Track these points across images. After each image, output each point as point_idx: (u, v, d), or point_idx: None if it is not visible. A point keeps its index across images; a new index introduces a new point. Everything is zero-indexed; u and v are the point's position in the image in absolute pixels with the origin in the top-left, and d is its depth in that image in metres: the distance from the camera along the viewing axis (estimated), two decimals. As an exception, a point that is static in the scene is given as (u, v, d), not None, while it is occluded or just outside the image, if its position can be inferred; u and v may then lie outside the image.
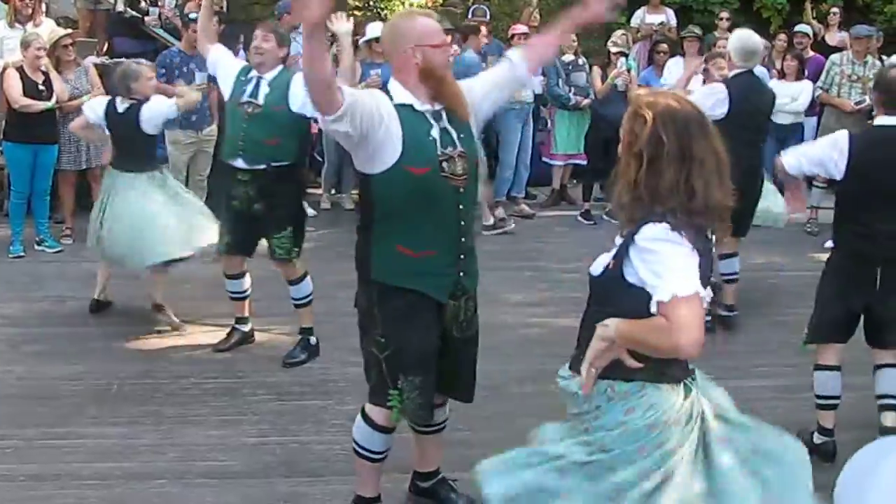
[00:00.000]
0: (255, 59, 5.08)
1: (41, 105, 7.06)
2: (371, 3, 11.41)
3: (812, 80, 8.74)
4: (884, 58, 8.87)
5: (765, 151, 6.09)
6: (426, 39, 3.14)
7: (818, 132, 8.48)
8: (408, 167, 3.12)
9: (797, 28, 9.75)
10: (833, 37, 10.09)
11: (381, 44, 3.27)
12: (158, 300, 5.89)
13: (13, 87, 7.04)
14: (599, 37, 10.87)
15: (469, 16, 9.58)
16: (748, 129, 5.80)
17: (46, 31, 7.68)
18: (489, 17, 9.67)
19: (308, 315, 5.35)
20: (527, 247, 8.00)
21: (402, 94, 3.17)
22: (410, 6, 11.03)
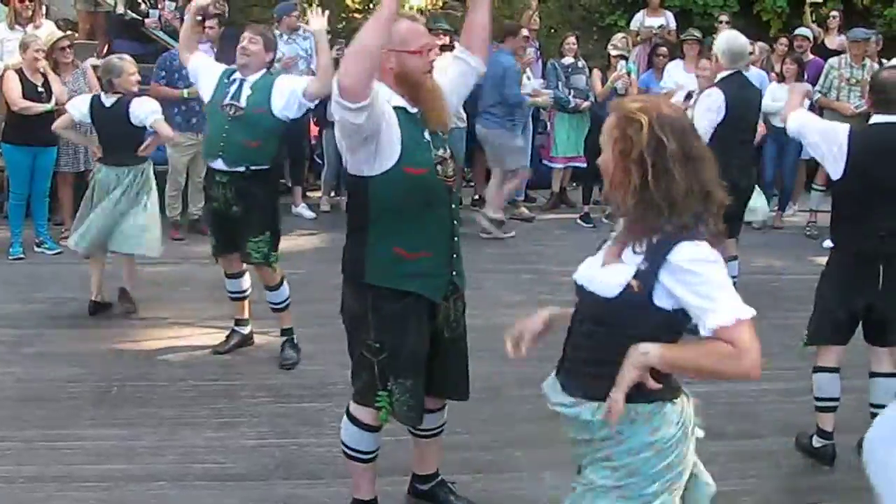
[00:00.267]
0: (241, 61, 5.07)
1: (40, 107, 7.05)
2: (372, 6, 11.42)
3: (812, 84, 8.74)
4: (884, 61, 8.85)
5: (765, 151, 6.10)
6: (403, 45, 3.11)
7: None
8: (407, 168, 3.12)
9: (797, 31, 9.76)
10: (833, 40, 10.10)
11: None
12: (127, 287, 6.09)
13: (12, 89, 7.04)
14: (599, 40, 10.89)
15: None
16: (741, 129, 5.82)
17: (45, 34, 7.68)
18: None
19: (287, 317, 5.39)
20: (526, 250, 8.00)
21: (394, 97, 3.16)
22: (411, 9, 11.02)
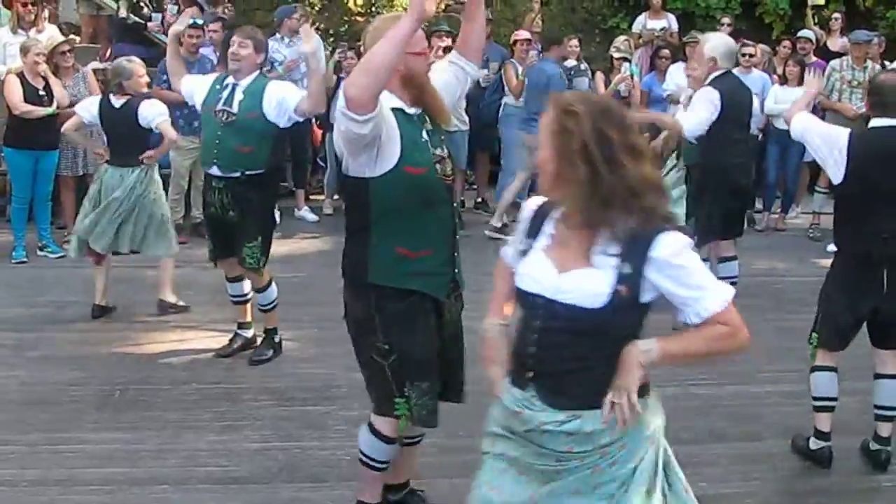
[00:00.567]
0: (232, 66, 5.08)
1: (42, 111, 7.06)
2: (373, 9, 11.42)
3: (813, 86, 8.72)
4: (886, 63, 8.86)
5: (768, 154, 6.06)
6: (408, 47, 3.06)
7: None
8: (407, 168, 3.12)
9: (799, 34, 9.74)
10: (835, 42, 10.09)
11: (364, 46, 3.23)
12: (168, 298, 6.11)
13: (14, 94, 7.04)
14: (602, 42, 10.89)
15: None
16: (737, 128, 5.82)
17: (47, 38, 7.68)
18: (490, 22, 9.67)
19: (273, 317, 5.42)
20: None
21: (391, 98, 3.15)
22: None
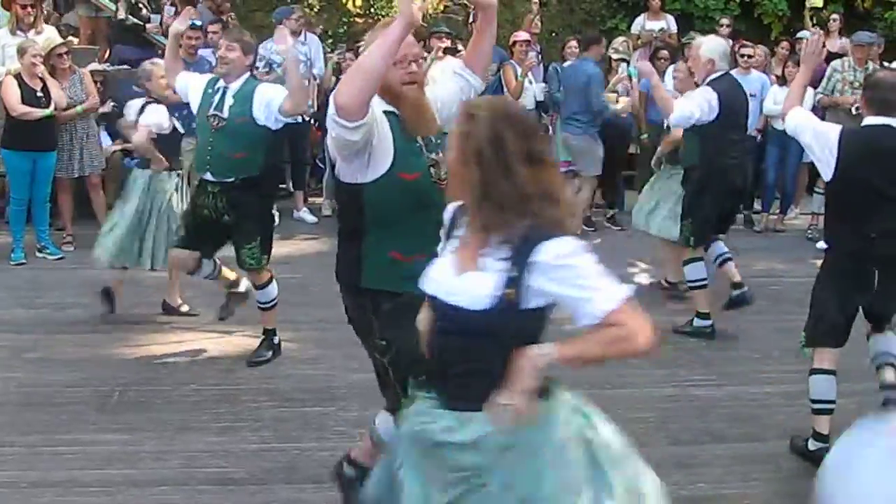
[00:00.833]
0: (221, 70, 5.08)
1: (39, 112, 7.06)
2: (372, 10, 11.43)
3: (813, 87, 8.73)
4: (885, 64, 8.86)
5: (767, 155, 6.07)
6: None
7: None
8: (400, 174, 3.10)
9: (798, 35, 9.76)
10: (833, 43, 10.08)
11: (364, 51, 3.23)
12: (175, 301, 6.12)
13: (11, 95, 7.04)
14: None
15: (470, 21, 9.57)
16: (735, 129, 5.83)
17: (45, 39, 7.67)
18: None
19: (272, 317, 5.41)
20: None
21: (383, 102, 3.14)
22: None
